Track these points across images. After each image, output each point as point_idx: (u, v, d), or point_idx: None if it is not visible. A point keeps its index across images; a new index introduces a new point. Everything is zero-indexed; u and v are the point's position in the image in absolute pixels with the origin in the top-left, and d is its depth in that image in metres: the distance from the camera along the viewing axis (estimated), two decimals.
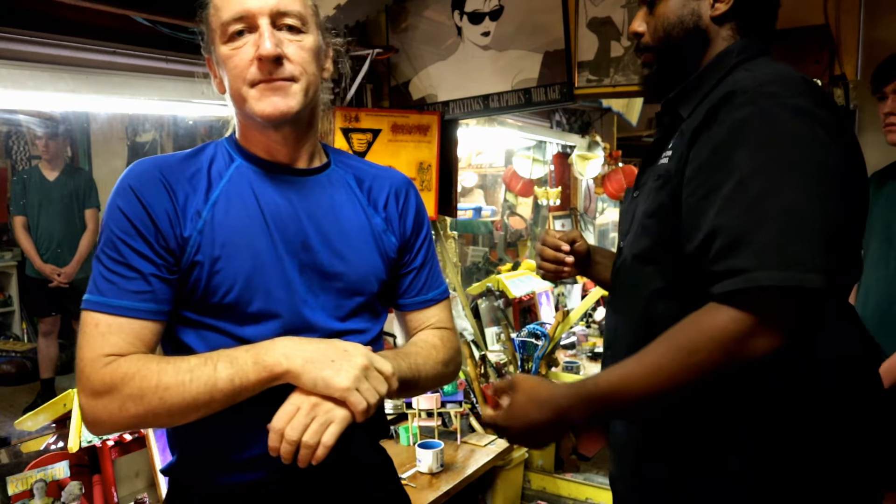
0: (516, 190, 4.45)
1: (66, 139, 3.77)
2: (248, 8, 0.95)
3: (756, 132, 0.93)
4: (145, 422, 0.93)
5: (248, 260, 0.98)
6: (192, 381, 0.89)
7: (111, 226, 0.96)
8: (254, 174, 1.03)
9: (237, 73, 0.97)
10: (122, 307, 0.93)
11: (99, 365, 0.90)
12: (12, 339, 4.44)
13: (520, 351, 2.85)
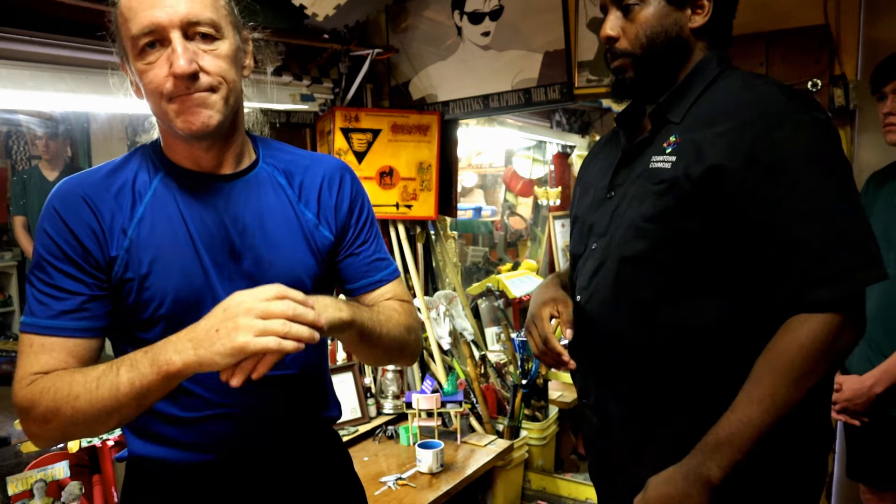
0: (516, 190, 4.46)
1: (66, 139, 3.77)
2: (157, 21, 0.91)
3: (807, 148, 1.03)
4: (69, 432, 0.93)
5: (176, 275, 0.97)
6: (97, 388, 0.88)
7: (39, 249, 0.96)
8: (178, 186, 1.01)
9: (153, 89, 0.94)
10: (54, 327, 0.94)
11: (24, 384, 0.92)
12: (12, 340, 4.44)
13: (520, 351, 2.85)
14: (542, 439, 2.88)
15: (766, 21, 2.06)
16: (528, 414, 2.90)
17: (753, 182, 1.04)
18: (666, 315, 1.12)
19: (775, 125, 1.04)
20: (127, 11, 0.94)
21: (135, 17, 0.92)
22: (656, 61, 1.17)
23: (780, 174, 1.03)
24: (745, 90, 1.11)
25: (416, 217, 2.76)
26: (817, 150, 1.04)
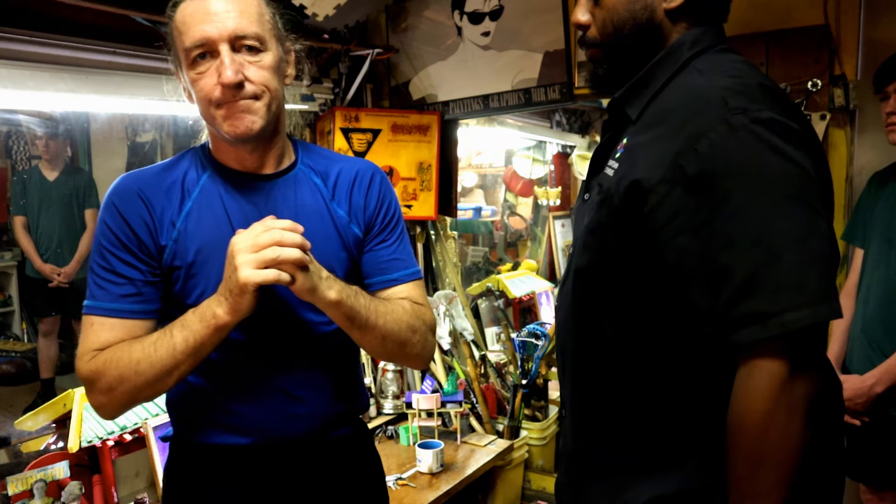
0: (516, 190, 4.46)
1: (66, 139, 3.77)
2: (208, 35, 1.01)
3: (737, 157, 0.85)
4: (134, 397, 1.03)
5: (218, 265, 1.03)
6: (156, 351, 0.99)
7: (100, 239, 1.08)
8: (223, 184, 1.12)
9: (203, 96, 1.05)
10: (113, 309, 1.05)
11: (86, 359, 1.03)
12: (12, 339, 4.44)
13: (520, 351, 2.85)
14: (542, 439, 2.88)
15: (766, 21, 2.06)
16: (528, 414, 2.90)
17: (675, 201, 0.88)
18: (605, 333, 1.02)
19: (706, 130, 0.87)
20: (181, 25, 1.04)
21: (188, 31, 1.02)
22: (625, 50, 1.04)
23: (706, 190, 0.86)
24: (697, 82, 0.95)
25: (416, 217, 2.76)
26: (755, 161, 0.84)
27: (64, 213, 3.65)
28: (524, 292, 3.73)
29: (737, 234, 0.84)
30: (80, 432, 1.71)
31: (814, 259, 0.83)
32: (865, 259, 1.89)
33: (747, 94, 0.88)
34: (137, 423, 1.80)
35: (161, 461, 1.81)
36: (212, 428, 1.13)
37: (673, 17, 1.01)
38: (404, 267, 1.21)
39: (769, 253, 0.82)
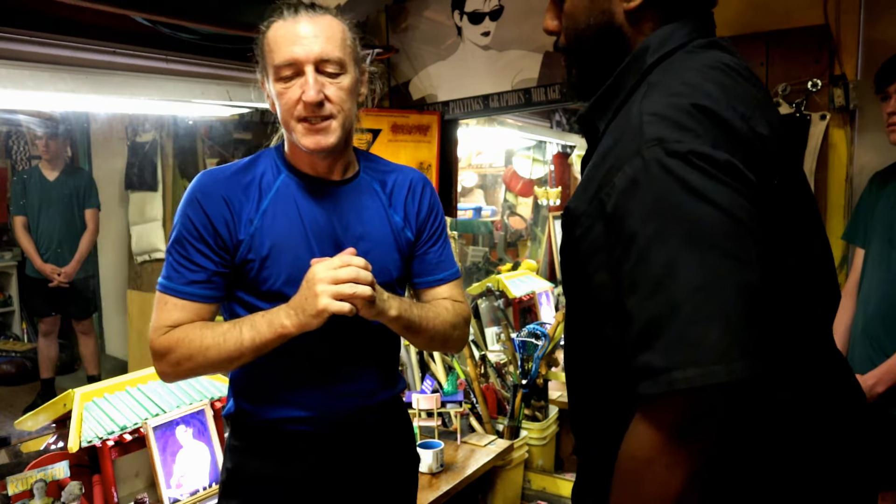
0: (516, 190, 4.45)
1: (66, 139, 3.76)
2: (296, 57, 1.14)
3: (645, 194, 0.78)
4: (197, 372, 1.21)
5: (290, 259, 1.20)
6: (224, 341, 1.15)
7: (181, 229, 1.20)
8: (297, 186, 1.25)
9: (287, 109, 1.18)
10: (185, 292, 1.19)
11: (160, 333, 1.19)
12: (12, 339, 4.44)
13: (520, 351, 2.85)
14: (542, 439, 2.88)
15: (766, 21, 2.06)
16: (528, 414, 2.90)
17: (596, 235, 0.85)
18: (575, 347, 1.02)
19: (623, 162, 0.81)
20: (273, 43, 1.17)
21: (279, 49, 1.16)
22: (589, 57, 0.98)
23: (618, 229, 0.81)
24: (635, 101, 0.86)
25: None
26: (663, 202, 0.77)
27: (64, 213, 3.64)
28: (524, 292, 3.73)
29: (639, 280, 0.78)
30: (80, 432, 1.71)
31: (717, 313, 0.74)
32: (866, 259, 1.89)
33: (671, 121, 0.80)
34: (137, 423, 1.80)
35: (161, 460, 1.82)
36: (271, 404, 1.26)
37: (633, 19, 0.93)
38: (448, 268, 1.39)
39: (667, 304, 0.75)
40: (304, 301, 1.10)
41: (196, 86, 2.25)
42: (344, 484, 1.31)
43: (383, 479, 1.37)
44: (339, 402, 1.28)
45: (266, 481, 1.28)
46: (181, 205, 1.22)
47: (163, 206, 3.40)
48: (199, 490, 1.88)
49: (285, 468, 1.28)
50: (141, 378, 1.96)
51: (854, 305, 1.89)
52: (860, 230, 1.90)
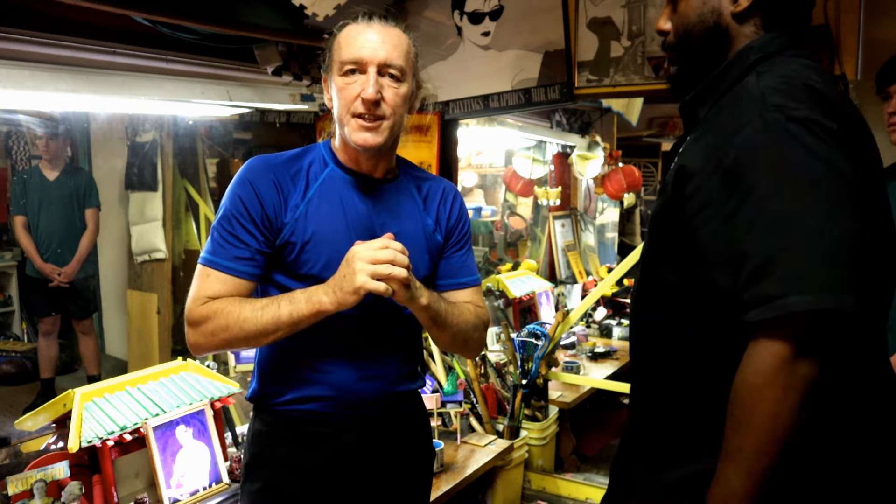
0: (516, 190, 4.46)
1: (66, 139, 3.75)
2: (362, 56, 1.24)
3: (766, 151, 0.92)
4: (230, 344, 1.24)
5: (329, 246, 1.26)
6: (262, 315, 1.20)
7: (230, 207, 1.26)
8: (341, 180, 1.32)
9: (344, 103, 1.25)
10: (228, 267, 1.24)
11: (199, 303, 1.23)
12: (12, 339, 4.43)
13: (520, 351, 2.85)
14: (542, 439, 2.88)
15: None
16: (528, 414, 2.90)
17: (710, 190, 0.97)
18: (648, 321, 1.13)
19: (744, 125, 0.95)
20: (343, 42, 1.27)
21: (348, 47, 1.25)
22: (694, 54, 1.11)
23: (736, 181, 0.94)
24: (750, 82, 1.01)
25: None
26: (782, 157, 0.91)
27: (64, 213, 3.63)
28: (524, 292, 3.73)
29: (757, 223, 0.90)
30: (80, 432, 1.71)
31: (827, 251, 0.87)
32: None
33: (788, 93, 0.94)
34: (137, 424, 1.80)
35: (161, 460, 1.82)
36: (297, 386, 1.31)
37: (740, 20, 1.06)
38: (471, 273, 1.46)
39: (783, 241, 0.88)
40: (342, 279, 1.17)
41: (196, 86, 2.25)
42: (364, 471, 1.35)
43: (401, 469, 1.42)
44: (363, 385, 1.32)
45: (289, 466, 1.32)
46: (232, 185, 1.28)
47: (163, 206, 3.40)
48: (199, 490, 1.88)
49: (308, 453, 1.32)
50: (141, 378, 1.96)
51: None
52: None
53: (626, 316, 4.27)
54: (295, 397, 1.31)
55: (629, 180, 4.55)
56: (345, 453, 1.33)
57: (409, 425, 1.45)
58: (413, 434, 1.46)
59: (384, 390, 1.36)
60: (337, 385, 1.30)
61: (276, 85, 2.52)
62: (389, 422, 1.38)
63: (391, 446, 1.39)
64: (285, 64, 2.45)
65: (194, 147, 3.58)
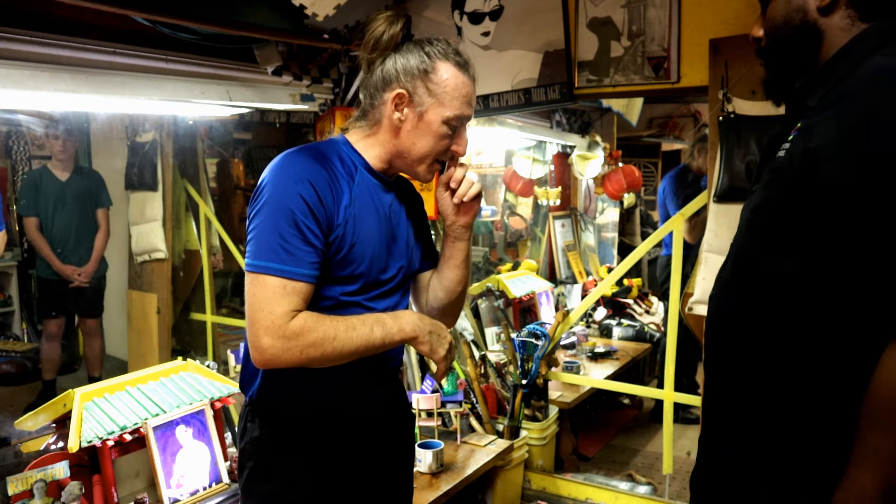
0: (516, 190, 4.46)
1: (77, 139, 3.70)
2: (468, 115, 1.31)
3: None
4: (315, 362, 1.20)
5: (372, 246, 1.30)
6: (354, 337, 1.21)
7: (293, 208, 1.18)
8: (369, 182, 1.34)
9: (436, 147, 1.30)
10: (302, 274, 1.19)
11: (289, 318, 1.17)
12: (12, 340, 4.43)
13: (520, 351, 2.85)
14: (542, 439, 2.88)
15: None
16: (528, 414, 2.90)
17: (847, 172, 0.94)
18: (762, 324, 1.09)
19: (881, 108, 0.93)
20: (457, 91, 1.28)
21: (460, 102, 1.28)
22: (783, 54, 1.13)
23: (875, 166, 0.92)
24: (881, 64, 0.99)
25: None
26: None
27: (77, 213, 3.58)
28: (524, 292, 3.73)
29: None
30: (80, 432, 1.71)
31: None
32: None
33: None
34: (137, 424, 1.80)
35: (161, 460, 1.82)
36: (307, 382, 1.30)
37: (826, 13, 1.07)
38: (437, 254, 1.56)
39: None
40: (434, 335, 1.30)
41: (196, 86, 2.25)
42: (370, 461, 1.39)
43: (399, 456, 1.49)
44: (372, 377, 1.38)
45: (302, 465, 1.33)
46: (284, 183, 1.20)
47: (163, 206, 3.40)
48: (199, 490, 1.88)
49: (318, 449, 1.33)
50: (141, 378, 1.96)
51: None
52: None
53: (626, 316, 4.27)
54: (304, 394, 1.32)
55: (629, 180, 4.55)
56: (353, 445, 1.36)
57: (404, 413, 1.52)
58: (406, 422, 1.52)
59: (388, 382, 1.44)
60: (347, 378, 1.32)
61: (276, 85, 2.52)
62: (391, 411, 1.45)
63: (393, 434, 1.45)
64: (285, 64, 2.46)
65: (194, 147, 3.58)
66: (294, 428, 1.33)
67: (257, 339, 1.17)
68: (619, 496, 2.65)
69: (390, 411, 1.45)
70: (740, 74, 2.09)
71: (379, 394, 1.42)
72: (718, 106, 2.13)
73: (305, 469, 1.33)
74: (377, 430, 1.40)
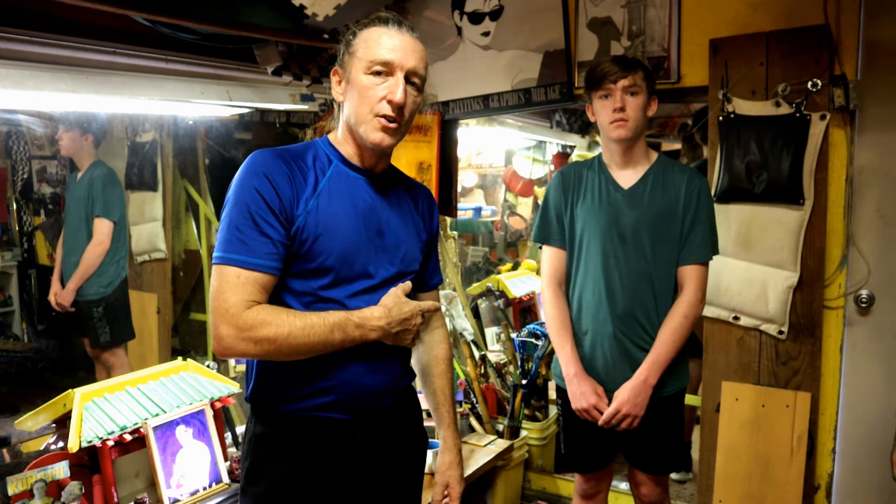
0: (516, 190, 4.46)
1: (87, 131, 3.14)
2: (393, 60, 1.26)
3: None
4: (269, 356, 1.22)
5: (342, 238, 1.28)
6: (311, 335, 1.21)
7: (248, 202, 1.21)
8: (346, 175, 1.34)
9: (368, 102, 1.27)
10: (257, 264, 1.20)
11: (242, 308, 1.18)
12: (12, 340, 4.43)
13: (520, 351, 2.85)
14: (542, 439, 2.88)
15: (766, 21, 2.06)
16: (528, 414, 2.90)
17: None
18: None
19: None
20: (372, 41, 1.28)
21: (379, 48, 1.27)
22: None
23: None
24: None
25: None
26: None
27: (73, 220, 3.19)
28: (524, 292, 3.73)
29: None
30: (80, 432, 1.71)
31: None
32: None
33: None
34: (137, 424, 1.80)
35: (161, 460, 1.82)
36: (303, 385, 1.30)
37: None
38: (438, 275, 1.56)
39: None
40: (390, 328, 1.29)
41: (196, 86, 2.25)
42: (370, 466, 1.36)
43: (403, 461, 1.46)
44: (372, 380, 1.34)
45: (296, 468, 1.31)
46: (242, 178, 1.24)
47: (163, 206, 3.40)
48: (199, 490, 1.88)
49: (315, 454, 1.31)
50: (141, 378, 1.96)
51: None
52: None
53: None
54: (301, 397, 1.30)
55: None
56: (352, 450, 1.33)
57: (411, 417, 1.48)
58: (414, 426, 1.50)
59: (390, 384, 1.38)
60: (346, 381, 1.30)
61: (276, 85, 2.52)
62: (394, 416, 1.41)
63: (396, 440, 1.42)
64: (285, 64, 2.45)
65: (194, 147, 3.58)
66: (284, 430, 1.31)
67: (215, 327, 1.19)
68: (619, 496, 2.65)
69: (393, 419, 1.41)
70: (740, 74, 2.09)
71: (382, 391, 1.37)
72: (718, 106, 2.13)
73: (291, 475, 1.30)
74: (377, 440, 1.37)
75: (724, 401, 2.17)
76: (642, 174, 1.84)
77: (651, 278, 1.80)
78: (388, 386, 1.38)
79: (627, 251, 1.80)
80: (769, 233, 2.07)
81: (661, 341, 1.77)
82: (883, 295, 1.99)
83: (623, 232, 1.80)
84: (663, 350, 1.76)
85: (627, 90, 1.77)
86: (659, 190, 1.81)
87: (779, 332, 2.08)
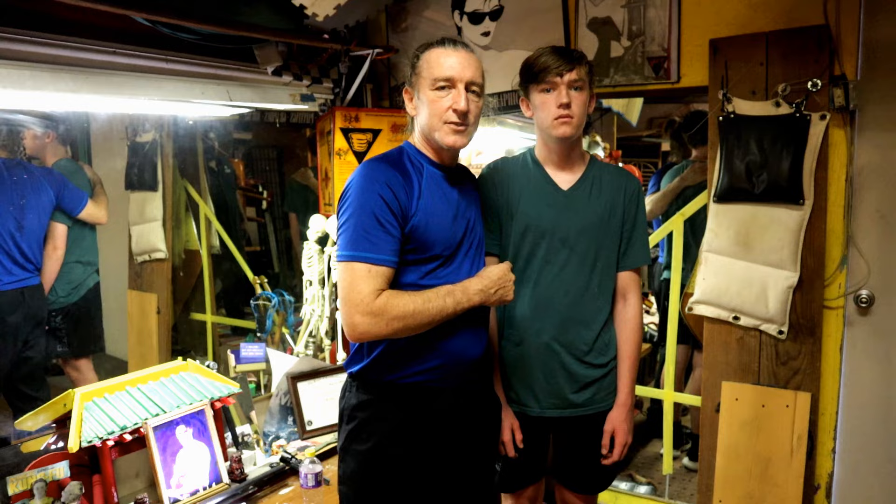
0: None
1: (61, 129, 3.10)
2: (454, 75, 1.52)
3: None
4: (399, 332, 1.45)
5: (444, 230, 1.54)
6: (429, 308, 1.45)
7: (373, 207, 1.45)
8: (434, 173, 1.59)
9: (437, 113, 1.52)
10: (383, 259, 1.45)
11: (374, 296, 1.42)
12: None
13: None
14: None
15: (766, 21, 2.06)
16: None
17: None
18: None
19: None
20: (433, 62, 1.53)
21: (440, 67, 1.52)
22: None
23: None
24: None
25: None
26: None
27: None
28: None
29: None
30: (80, 432, 1.71)
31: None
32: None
33: None
34: (137, 423, 1.80)
35: (161, 460, 1.81)
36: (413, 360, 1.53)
37: None
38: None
39: None
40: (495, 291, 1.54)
41: (196, 86, 2.25)
42: (459, 429, 1.60)
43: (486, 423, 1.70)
44: (470, 351, 1.59)
45: (397, 426, 1.53)
46: (364, 186, 1.46)
47: (163, 206, 3.40)
48: (199, 490, 1.88)
49: (413, 415, 1.54)
50: (141, 378, 1.96)
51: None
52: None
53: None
54: (407, 368, 1.52)
55: None
56: (444, 413, 1.57)
57: (487, 382, 1.73)
58: (488, 389, 1.74)
59: (481, 354, 1.63)
60: (450, 354, 1.54)
61: (276, 85, 2.52)
62: (479, 381, 1.68)
63: (481, 403, 1.68)
64: (285, 64, 2.46)
65: (194, 147, 3.58)
66: (389, 395, 1.54)
67: (350, 316, 1.43)
68: (619, 496, 2.65)
69: (479, 393, 1.67)
70: (740, 74, 2.09)
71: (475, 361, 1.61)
72: (718, 106, 2.13)
73: (396, 433, 1.53)
74: (467, 407, 1.61)
75: (724, 401, 2.17)
76: (580, 175, 1.77)
77: (592, 285, 1.73)
78: (480, 356, 1.62)
79: (569, 256, 1.72)
80: (769, 233, 2.07)
81: (628, 356, 1.78)
82: (883, 295, 1.99)
83: (565, 236, 1.72)
84: (634, 366, 1.77)
85: (573, 84, 1.66)
86: (598, 192, 1.75)
87: (779, 332, 2.08)
